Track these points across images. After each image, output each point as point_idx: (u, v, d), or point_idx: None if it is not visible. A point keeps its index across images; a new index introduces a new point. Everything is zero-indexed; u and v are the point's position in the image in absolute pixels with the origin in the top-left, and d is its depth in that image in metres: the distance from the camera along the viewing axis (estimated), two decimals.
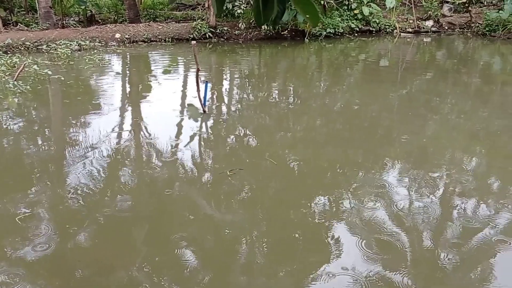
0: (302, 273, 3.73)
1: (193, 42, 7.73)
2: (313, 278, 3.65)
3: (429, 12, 17.60)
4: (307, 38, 15.35)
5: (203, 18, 16.17)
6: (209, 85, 8.70)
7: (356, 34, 16.42)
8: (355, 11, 16.28)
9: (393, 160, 5.93)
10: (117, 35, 14.85)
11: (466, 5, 17.51)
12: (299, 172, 5.69)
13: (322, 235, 4.27)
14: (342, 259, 3.89)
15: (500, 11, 15.90)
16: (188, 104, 8.42)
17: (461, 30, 17.39)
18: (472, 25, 17.12)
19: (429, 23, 17.54)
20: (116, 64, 12.76)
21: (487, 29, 16.21)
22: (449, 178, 5.40)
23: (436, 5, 17.64)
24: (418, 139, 6.73)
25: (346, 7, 16.29)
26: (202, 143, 6.68)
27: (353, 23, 16.26)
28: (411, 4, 17.59)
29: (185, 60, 12.88)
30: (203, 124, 7.39)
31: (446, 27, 17.58)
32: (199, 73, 7.55)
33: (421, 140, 6.70)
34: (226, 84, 10.61)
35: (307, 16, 1.49)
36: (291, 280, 3.69)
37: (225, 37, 15.54)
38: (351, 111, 8.25)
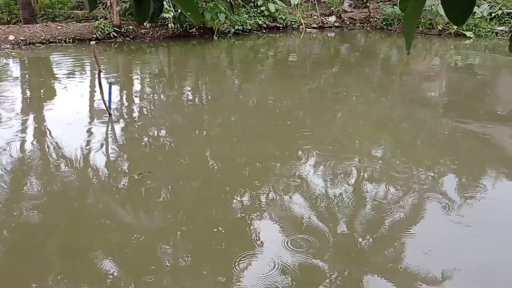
0: (228, 270, 3.69)
1: (92, 42, 7.31)
2: (239, 273, 3.63)
3: (332, 8, 18.37)
4: (216, 35, 15.31)
5: (106, 17, 15.48)
6: (114, 86, 8.34)
7: (264, 31, 16.68)
8: (262, 8, 16.54)
9: (308, 152, 6.09)
10: (11, 37, 13.73)
11: (365, 0, 18.55)
12: (218, 169, 5.65)
13: (246, 229, 4.26)
14: (267, 251, 3.91)
15: (395, 6, 17.03)
16: (93, 107, 8.01)
17: (361, 24, 18.37)
18: (371, 19, 18.16)
19: (332, 18, 18.32)
20: (13, 68, 11.78)
21: (384, 23, 17.28)
22: (359, 165, 5.66)
23: (338, 1, 18.46)
24: (329, 130, 6.98)
25: (252, 4, 16.49)
26: (110, 146, 6.36)
27: (260, 19, 16.50)
28: (314, 0, 18.25)
29: (89, 62, 12.24)
30: (109, 127, 7.05)
31: (348, 22, 18.48)
32: (102, 74, 7.20)
33: (332, 131, 6.96)
34: (134, 85, 10.24)
35: (188, 13, 1.45)
36: (217, 278, 3.63)
37: (131, 36, 15.01)
38: (264, 106, 8.36)
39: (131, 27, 14.97)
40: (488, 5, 15.77)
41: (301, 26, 17.41)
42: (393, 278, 3.66)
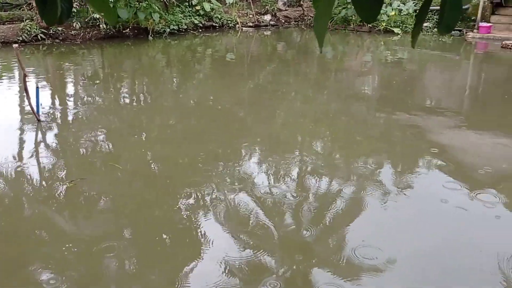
0: (176, 274, 3.62)
1: (15, 45, 6.88)
2: (187, 275, 3.57)
3: (267, 7, 18.58)
4: (151, 35, 15.01)
5: (33, 18, 14.71)
6: (44, 91, 7.95)
7: (200, 30, 16.57)
8: (197, 7, 16.41)
9: (250, 150, 6.12)
10: None
11: None
12: (159, 172, 5.53)
13: (192, 230, 4.21)
14: (215, 251, 3.88)
15: None
16: (22, 113, 7.59)
17: (296, 23, 18.73)
18: (305, 18, 18.56)
19: (267, 17, 18.52)
20: None
21: None
22: (300, 160, 5.77)
23: (272, 0, 18.70)
24: (269, 127, 7.05)
25: (187, 3, 16.32)
26: (40, 154, 5.98)
27: (196, 19, 16.37)
28: None
29: (16, 66, 11.57)
30: (39, 133, 6.71)
31: (283, 21, 18.77)
32: (30, 79, 6.84)
33: (273, 128, 7.04)
34: (67, 88, 9.81)
35: (102, 14, 1.39)
36: (166, 282, 3.56)
37: (61, 38, 14.36)
38: (204, 106, 8.30)
39: (60, 28, 14.32)
40: (413, 3, 16.59)
41: (237, 25, 17.47)
42: (335, 269, 3.75)
